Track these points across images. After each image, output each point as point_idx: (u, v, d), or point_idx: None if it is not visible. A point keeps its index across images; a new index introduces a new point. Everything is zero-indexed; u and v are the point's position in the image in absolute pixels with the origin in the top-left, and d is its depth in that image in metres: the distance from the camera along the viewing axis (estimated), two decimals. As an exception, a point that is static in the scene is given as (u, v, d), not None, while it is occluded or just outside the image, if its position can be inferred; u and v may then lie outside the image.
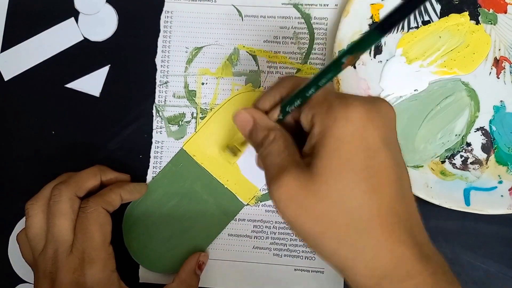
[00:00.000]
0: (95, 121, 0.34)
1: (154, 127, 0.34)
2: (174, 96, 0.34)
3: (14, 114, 0.35)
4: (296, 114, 0.22)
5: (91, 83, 0.35)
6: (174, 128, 0.34)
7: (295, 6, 0.34)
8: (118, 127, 0.34)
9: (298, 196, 0.19)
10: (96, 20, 0.35)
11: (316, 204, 0.19)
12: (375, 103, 0.20)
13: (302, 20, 0.34)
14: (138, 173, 0.33)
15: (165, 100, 0.34)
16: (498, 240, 0.31)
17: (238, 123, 0.24)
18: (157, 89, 0.34)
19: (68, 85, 0.35)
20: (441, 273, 0.20)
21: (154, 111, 0.34)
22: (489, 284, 0.31)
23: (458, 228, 0.32)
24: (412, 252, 0.19)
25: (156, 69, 0.34)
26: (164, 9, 0.35)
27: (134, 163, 0.34)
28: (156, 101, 0.34)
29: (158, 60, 0.34)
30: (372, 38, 0.17)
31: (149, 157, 0.34)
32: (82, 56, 0.35)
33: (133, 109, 0.34)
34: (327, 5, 0.34)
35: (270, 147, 0.21)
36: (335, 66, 0.19)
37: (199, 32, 0.34)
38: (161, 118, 0.34)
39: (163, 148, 0.34)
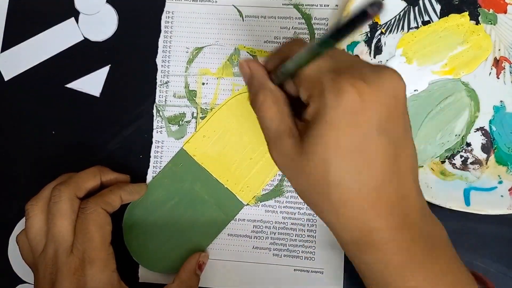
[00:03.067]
0: (95, 121, 0.34)
1: (154, 127, 0.34)
2: (175, 96, 0.34)
3: (14, 114, 0.35)
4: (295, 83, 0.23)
5: (91, 83, 0.35)
6: (174, 128, 0.34)
7: (296, 6, 0.34)
8: (118, 127, 0.34)
9: (291, 162, 0.21)
10: (96, 20, 0.35)
11: (304, 175, 0.21)
12: (374, 80, 0.19)
13: (303, 21, 0.34)
14: (138, 173, 0.33)
15: (165, 100, 0.34)
16: (498, 240, 0.31)
17: (240, 70, 0.24)
18: (158, 89, 0.34)
19: (68, 85, 0.35)
20: (421, 241, 0.21)
21: (154, 111, 0.34)
22: (489, 284, 0.31)
23: (458, 228, 0.32)
24: (388, 224, 0.20)
25: (156, 69, 0.34)
26: (165, 9, 0.35)
27: (134, 163, 0.34)
28: (156, 101, 0.34)
29: (158, 60, 0.34)
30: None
31: (149, 157, 0.34)
32: (82, 56, 0.35)
33: (133, 109, 0.34)
34: (328, 5, 0.34)
35: (262, 108, 0.22)
36: (317, 48, 0.19)
37: (200, 32, 0.34)
38: (162, 118, 0.34)
39: (163, 148, 0.34)
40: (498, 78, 0.32)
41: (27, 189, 0.30)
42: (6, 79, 0.35)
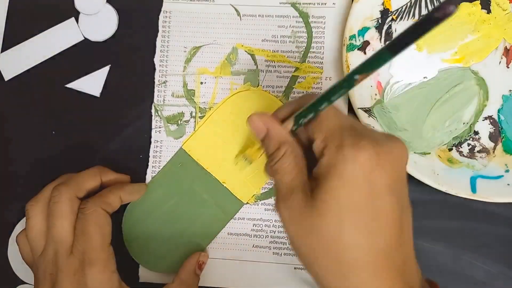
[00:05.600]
0: (95, 121, 0.34)
1: (153, 126, 0.34)
2: (173, 96, 0.34)
3: (14, 114, 0.35)
4: (309, 132, 0.23)
5: (91, 83, 0.35)
6: (173, 127, 0.34)
7: (293, 5, 0.34)
8: (118, 127, 0.34)
9: (301, 219, 0.20)
10: (96, 20, 0.35)
11: (314, 234, 0.20)
12: (387, 144, 0.20)
13: (300, 19, 0.34)
14: (138, 173, 0.33)
15: (164, 100, 0.34)
16: (498, 240, 0.31)
17: (253, 129, 0.24)
18: (156, 88, 0.34)
19: (68, 85, 0.35)
20: None
21: (153, 111, 0.34)
22: (489, 285, 0.31)
23: (458, 228, 0.31)
24: None
25: (154, 69, 0.34)
26: (162, 9, 0.35)
27: (134, 162, 0.33)
28: (155, 100, 0.34)
29: (156, 59, 0.34)
30: (383, 58, 0.18)
31: (149, 156, 0.33)
32: (82, 56, 0.35)
33: (133, 109, 0.34)
34: (325, 4, 0.34)
35: (280, 163, 0.22)
36: (348, 82, 0.20)
37: (198, 31, 0.34)
38: (160, 118, 0.34)
39: (162, 148, 0.33)
40: (508, 67, 0.32)
41: (27, 189, 0.30)
42: (6, 79, 0.35)
